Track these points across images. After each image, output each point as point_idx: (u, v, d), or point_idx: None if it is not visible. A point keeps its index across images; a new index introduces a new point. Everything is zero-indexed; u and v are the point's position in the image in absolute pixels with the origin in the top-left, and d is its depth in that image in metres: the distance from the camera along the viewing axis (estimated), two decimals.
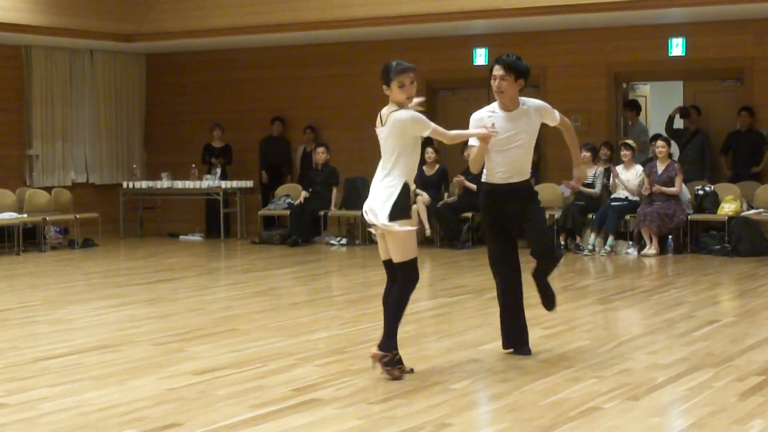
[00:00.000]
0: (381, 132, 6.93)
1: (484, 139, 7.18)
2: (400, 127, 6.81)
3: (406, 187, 6.82)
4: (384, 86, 6.94)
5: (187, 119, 19.35)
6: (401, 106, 6.88)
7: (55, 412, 6.01)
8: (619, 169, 14.98)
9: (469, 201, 15.34)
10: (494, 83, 7.30)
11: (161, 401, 6.24)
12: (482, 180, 7.52)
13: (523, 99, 7.41)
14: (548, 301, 7.68)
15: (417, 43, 17.13)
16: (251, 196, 18.27)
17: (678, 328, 8.66)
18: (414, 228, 6.90)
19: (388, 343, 6.78)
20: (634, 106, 16.77)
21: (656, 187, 14.41)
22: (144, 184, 18.24)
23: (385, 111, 6.94)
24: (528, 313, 9.44)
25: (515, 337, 7.56)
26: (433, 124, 6.88)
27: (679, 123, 16.18)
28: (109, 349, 7.99)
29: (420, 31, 16.75)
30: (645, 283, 11.97)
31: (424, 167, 15.90)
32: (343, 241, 16.64)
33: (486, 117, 7.32)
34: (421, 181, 15.36)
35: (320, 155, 16.89)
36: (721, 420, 5.70)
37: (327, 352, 7.70)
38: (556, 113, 7.47)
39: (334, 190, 16.83)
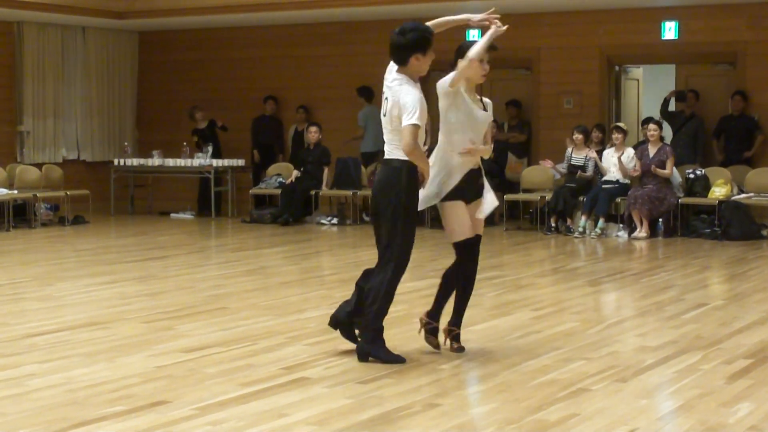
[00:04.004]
0: (488, 115, 7.04)
1: None
2: None
3: None
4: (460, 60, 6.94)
5: (179, 97, 19.27)
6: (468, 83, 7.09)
7: (43, 388, 6.01)
8: (610, 151, 14.96)
9: None
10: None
11: (150, 378, 6.24)
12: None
13: None
14: None
15: None
16: (243, 175, 18.24)
17: (667, 311, 8.68)
18: None
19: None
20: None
21: (636, 170, 14.47)
22: (135, 162, 18.20)
23: (466, 94, 7.01)
24: (518, 294, 9.47)
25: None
26: None
27: (673, 106, 16.17)
28: (99, 326, 7.99)
29: (413, 11, 16.64)
30: (635, 265, 11.98)
31: None
32: (334, 220, 16.64)
33: None
34: None
35: (312, 134, 16.86)
36: (708, 402, 5.72)
37: (317, 331, 7.70)
38: None
39: (326, 170, 16.81)
